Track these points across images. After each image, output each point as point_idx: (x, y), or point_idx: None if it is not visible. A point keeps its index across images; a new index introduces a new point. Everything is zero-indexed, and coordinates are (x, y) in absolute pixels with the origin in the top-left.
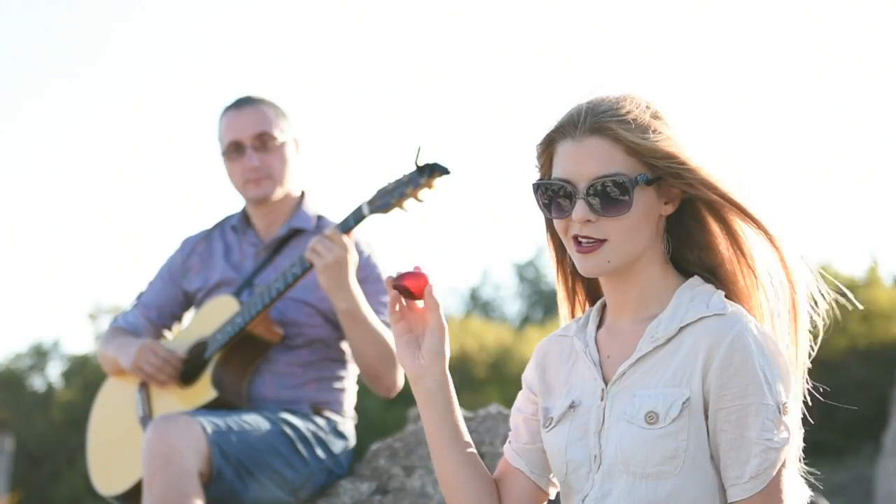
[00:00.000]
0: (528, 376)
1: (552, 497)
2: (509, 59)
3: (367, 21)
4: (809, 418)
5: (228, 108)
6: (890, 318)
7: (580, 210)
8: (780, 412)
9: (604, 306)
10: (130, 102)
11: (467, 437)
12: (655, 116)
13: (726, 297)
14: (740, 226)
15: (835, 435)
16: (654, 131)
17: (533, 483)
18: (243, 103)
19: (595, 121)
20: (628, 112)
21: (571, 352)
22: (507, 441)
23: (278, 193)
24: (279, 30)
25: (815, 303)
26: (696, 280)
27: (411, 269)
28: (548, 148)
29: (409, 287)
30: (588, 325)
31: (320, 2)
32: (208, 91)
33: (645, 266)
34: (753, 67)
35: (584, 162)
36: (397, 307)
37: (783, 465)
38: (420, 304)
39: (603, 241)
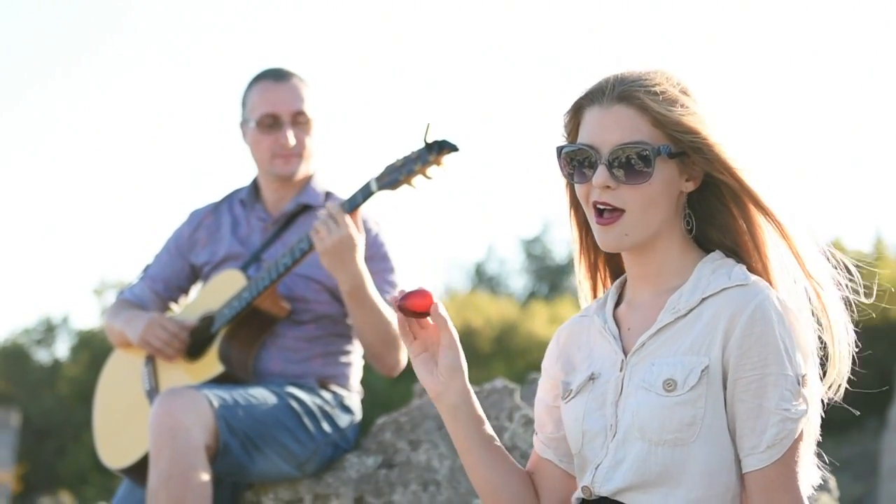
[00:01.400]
0: (548, 363)
1: None
2: (519, 34)
3: None
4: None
5: (264, 78)
6: None
7: (601, 175)
8: (799, 383)
9: (623, 283)
10: (137, 78)
11: (497, 443)
12: (684, 92)
13: None
14: (759, 217)
15: (839, 409)
16: (681, 105)
17: (564, 472)
18: (282, 76)
19: (623, 89)
20: (657, 84)
21: (591, 329)
22: (535, 433)
23: (302, 172)
24: (286, 2)
25: (843, 286)
26: (717, 254)
27: (415, 289)
28: (575, 115)
29: (415, 307)
30: (607, 302)
31: None
32: (215, 65)
33: (664, 241)
34: (762, 45)
35: (609, 128)
36: (408, 328)
37: (800, 438)
38: (429, 319)
39: (621, 211)
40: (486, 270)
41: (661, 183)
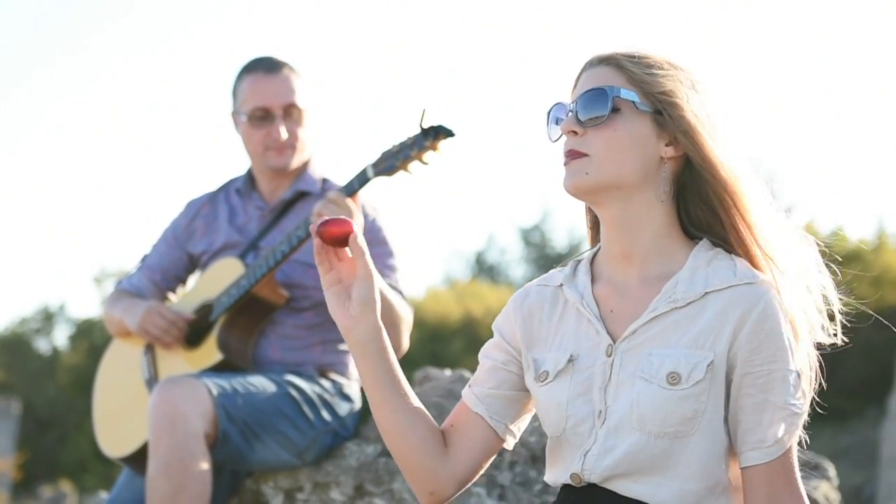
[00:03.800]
0: (503, 325)
1: (509, 447)
2: (517, 21)
3: None
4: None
5: (254, 70)
6: None
7: (567, 121)
8: (800, 378)
9: (594, 258)
10: (135, 66)
11: (405, 385)
12: (672, 66)
13: None
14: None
15: (839, 398)
16: (661, 68)
17: (491, 429)
18: (273, 67)
19: (609, 55)
20: (647, 57)
21: (557, 302)
22: (468, 386)
23: (295, 162)
24: None
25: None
26: (706, 243)
27: (335, 217)
28: (575, 87)
29: (333, 234)
30: (579, 276)
31: None
32: (212, 51)
33: (644, 212)
34: (763, 29)
35: (584, 86)
36: (324, 256)
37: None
38: (348, 252)
39: (586, 155)
40: (486, 259)
41: (629, 134)
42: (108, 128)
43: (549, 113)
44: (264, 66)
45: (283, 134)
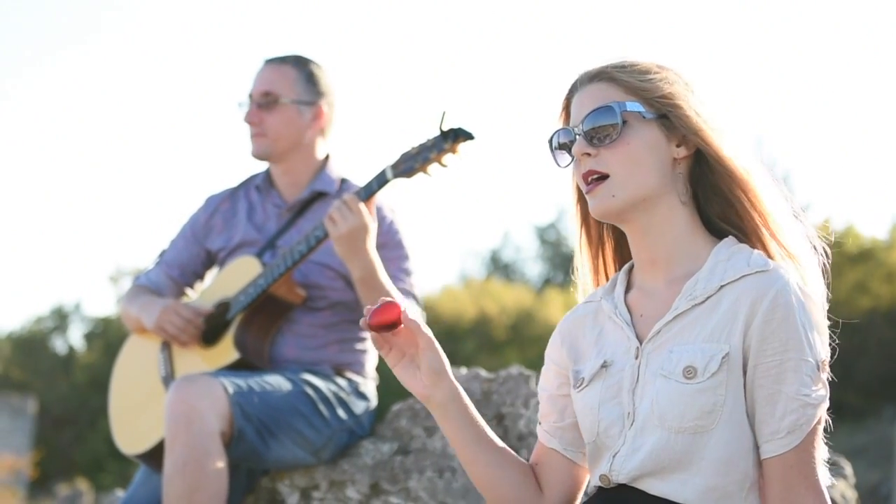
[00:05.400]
0: (552, 351)
1: None
2: (536, 22)
3: None
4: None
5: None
6: None
7: (578, 145)
8: (818, 369)
9: (630, 269)
10: (153, 63)
11: (490, 435)
12: (662, 68)
13: None
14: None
15: (855, 396)
16: (653, 73)
17: (569, 461)
18: (277, 59)
19: (598, 70)
20: (636, 64)
21: (598, 315)
22: (538, 423)
23: (267, 152)
24: None
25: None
26: (731, 240)
27: (378, 304)
28: (566, 111)
29: (383, 321)
30: (616, 287)
31: None
32: (230, 50)
33: (667, 216)
34: (778, 28)
35: (583, 106)
36: (383, 344)
37: (818, 423)
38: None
39: (606, 176)
40: (501, 258)
41: (643, 144)
42: (124, 126)
43: (550, 140)
44: (272, 58)
45: (251, 118)
